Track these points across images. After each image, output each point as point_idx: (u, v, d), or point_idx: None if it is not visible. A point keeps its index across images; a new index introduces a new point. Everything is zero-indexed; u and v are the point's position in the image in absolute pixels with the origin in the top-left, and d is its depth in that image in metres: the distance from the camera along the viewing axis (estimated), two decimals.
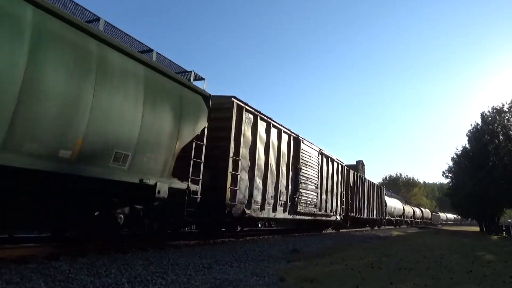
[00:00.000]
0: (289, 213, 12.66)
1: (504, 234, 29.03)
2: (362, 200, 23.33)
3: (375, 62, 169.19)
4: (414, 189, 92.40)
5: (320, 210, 15.61)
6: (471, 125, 33.22)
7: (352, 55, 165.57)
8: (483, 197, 28.69)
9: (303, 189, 13.76)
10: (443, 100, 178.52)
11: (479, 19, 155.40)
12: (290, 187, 12.68)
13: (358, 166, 53.19)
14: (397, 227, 36.00)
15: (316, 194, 15.08)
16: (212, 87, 9.37)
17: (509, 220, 31.68)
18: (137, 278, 4.87)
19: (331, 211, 17.09)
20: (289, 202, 12.65)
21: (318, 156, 15.64)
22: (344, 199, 19.18)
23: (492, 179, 27.38)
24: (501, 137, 30.16)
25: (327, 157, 16.95)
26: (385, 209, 30.96)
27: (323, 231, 18.44)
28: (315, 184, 15.01)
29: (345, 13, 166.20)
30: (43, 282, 4.23)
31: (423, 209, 53.79)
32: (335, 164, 18.03)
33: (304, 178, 13.84)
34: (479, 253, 11.52)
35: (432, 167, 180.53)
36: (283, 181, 12.16)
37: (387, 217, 31.66)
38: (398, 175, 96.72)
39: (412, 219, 44.52)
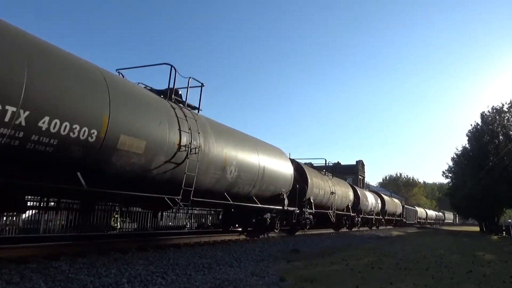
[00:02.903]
0: None
1: (504, 234, 29.02)
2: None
3: (375, 63, 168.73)
4: (414, 189, 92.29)
5: None
6: (471, 125, 33.13)
7: (353, 56, 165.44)
8: (483, 197, 28.65)
9: None
10: (443, 100, 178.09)
11: (479, 19, 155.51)
12: None
13: (358, 166, 53.09)
14: (306, 230, 15.73)
15: None
16: (213, 87, 9.42)
17: (509, 220, 31.65)
18: (137, 278, 4.87)
19: None
20: None
21: None
22: None
23: (492, 179, 27.33)
24: (501, 137, 30.14)
25: None
26: (225, 172, 8.89)
27: None
28: None
29: (345, 13, 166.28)
30: (43, 282, 4.23)
31: (387, 198, 32.05)
32: None
33: None
34: (479, 253, 11.53)
35: (432, 167, 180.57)
36: None
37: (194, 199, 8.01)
38: (398, 175, 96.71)
39: (359, 215, 22.89)
